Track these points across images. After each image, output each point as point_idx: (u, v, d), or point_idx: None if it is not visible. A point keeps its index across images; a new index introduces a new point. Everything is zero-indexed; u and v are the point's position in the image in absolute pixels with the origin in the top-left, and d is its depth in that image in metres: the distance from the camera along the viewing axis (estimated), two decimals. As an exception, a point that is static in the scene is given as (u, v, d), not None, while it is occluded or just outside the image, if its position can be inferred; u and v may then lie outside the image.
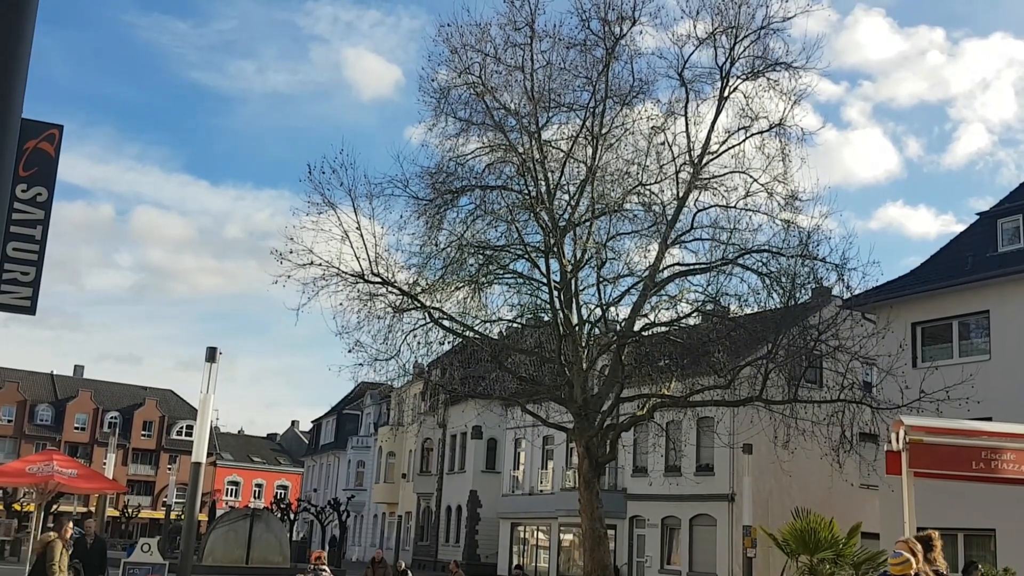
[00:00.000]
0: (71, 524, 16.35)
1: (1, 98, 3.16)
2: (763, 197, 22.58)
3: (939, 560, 7.80)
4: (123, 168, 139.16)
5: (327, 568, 13.52)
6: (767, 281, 21.95)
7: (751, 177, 22.51)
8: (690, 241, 23.32)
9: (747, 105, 22.56)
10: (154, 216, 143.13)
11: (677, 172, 22.86)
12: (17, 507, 49.69)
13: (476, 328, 23.89)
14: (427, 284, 23.29)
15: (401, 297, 22.89)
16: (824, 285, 23.15)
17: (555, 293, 22.96)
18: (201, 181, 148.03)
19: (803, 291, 22.69)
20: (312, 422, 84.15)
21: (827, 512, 21.86)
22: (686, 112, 22.76)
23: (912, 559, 7.41)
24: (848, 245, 31.71)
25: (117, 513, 68.95)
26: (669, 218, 22.84)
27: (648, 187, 23.23)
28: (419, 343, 22.93)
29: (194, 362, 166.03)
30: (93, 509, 60.73)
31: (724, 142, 22.89)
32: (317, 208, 21.82)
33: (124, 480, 71.06)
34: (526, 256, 23.70)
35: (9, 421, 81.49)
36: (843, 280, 21.66)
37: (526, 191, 23.19)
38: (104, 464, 31.42)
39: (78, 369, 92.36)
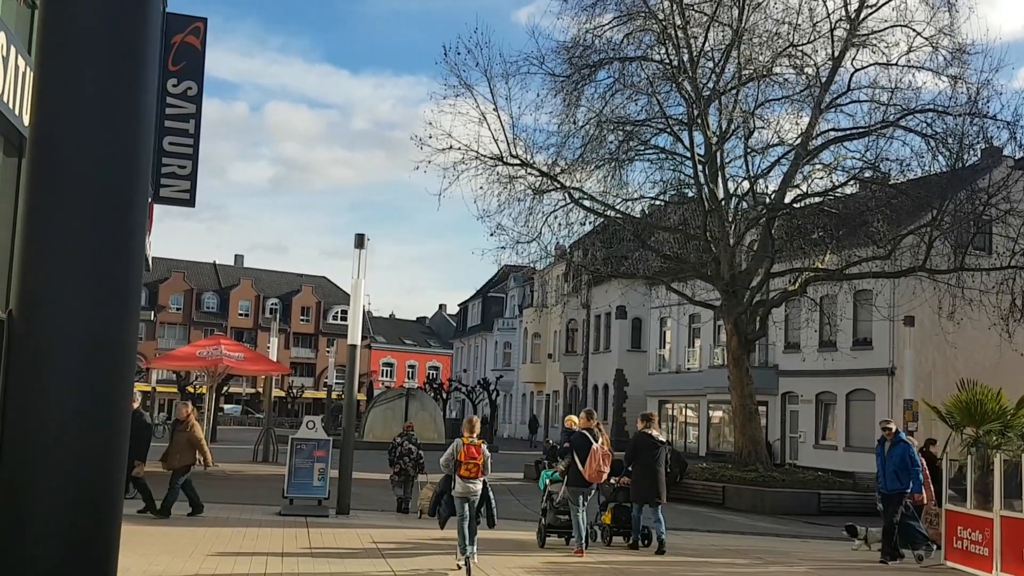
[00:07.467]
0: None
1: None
2: (927, 52, 21.11)
3: (654, 428, 11.28)
4: (268, 61, 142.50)
5: (414, 433, 15.22)
6: (932, 143, 20.70)
7: (914, 31, 21.00)
8: (846, 104, 22.11)
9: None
10: (285, 111, 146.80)
11: (832, 29, 21.47)
12: (191, 389, 53.48)
13: (617, 207, 23.55)
14: (566, 164, 23.00)
15: (541, 178, 22.71)
16: (995, 144, 21.62)
17: (699, 167, 22.26)
18: (342, 71, 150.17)
19: (971, 152, 21.30)
20: (458, 305, 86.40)
21: (994, 384, 20.89)
22: (841, -38, 21.20)
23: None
24: (1022, 100, 29.14)
25: (283, 393, 73.34)
26: (823, 80, 21.61)
27: (800, 48, 21.95)
28: (560, 224, 22.87)
29: (337, 251, 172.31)
30: (261, 390, 64.75)
31: (884, -7, 21.29)
32: (454, 91, 21.74)
33: (287, 363, 75.30)
34: (668, 130, 22.99)
35: (178, 309, 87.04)
36: (1016, 138, 20.35)
37: (667, 60, 22.31)
38: (268, 348, 33.09)
39: (238, 258, 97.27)
